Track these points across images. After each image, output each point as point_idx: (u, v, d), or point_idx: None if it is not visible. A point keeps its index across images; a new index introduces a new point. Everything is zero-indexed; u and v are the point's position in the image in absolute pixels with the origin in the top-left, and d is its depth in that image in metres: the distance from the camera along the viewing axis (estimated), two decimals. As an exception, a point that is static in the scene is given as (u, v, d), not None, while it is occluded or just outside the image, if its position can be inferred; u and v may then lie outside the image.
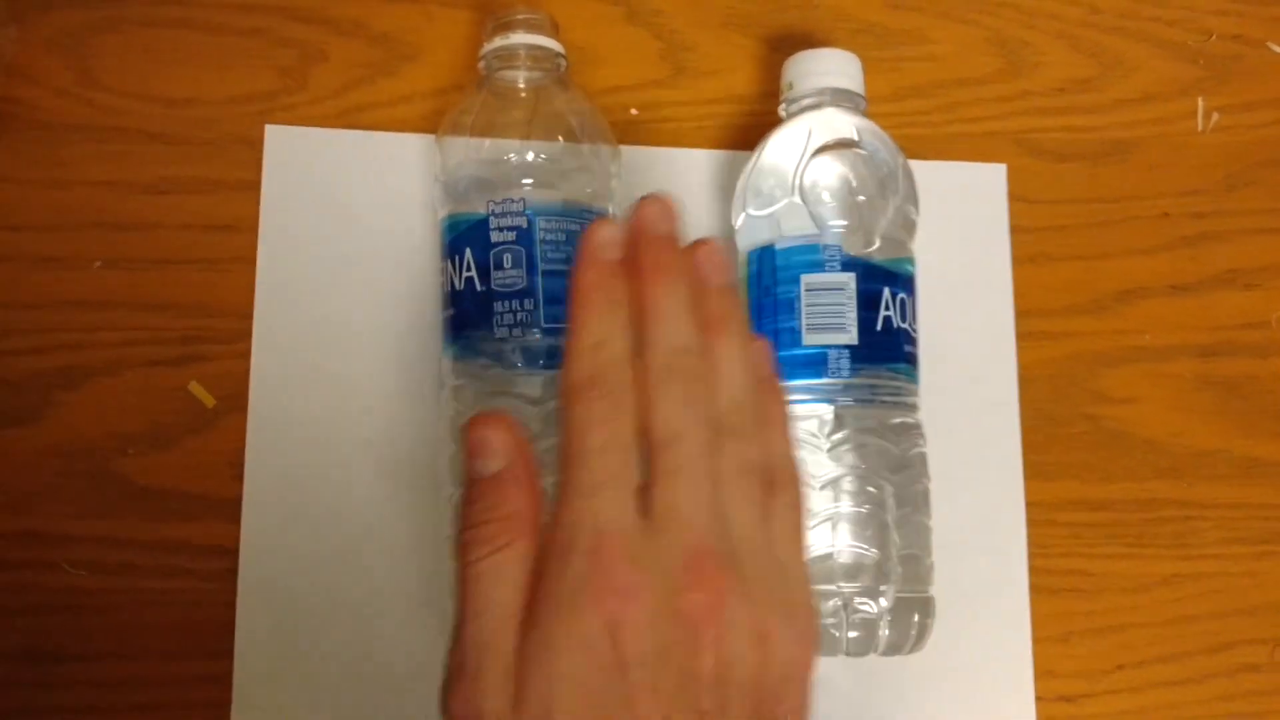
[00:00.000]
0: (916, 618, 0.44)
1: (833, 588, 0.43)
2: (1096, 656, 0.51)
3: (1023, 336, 0.53)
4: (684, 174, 0.52)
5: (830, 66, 0.47)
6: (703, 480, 0.29)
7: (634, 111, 0.52)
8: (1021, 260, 0.54)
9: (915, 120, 0.54)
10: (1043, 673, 0.50)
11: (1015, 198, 0.54)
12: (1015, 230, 0.54)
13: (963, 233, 0.53)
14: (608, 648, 0.27)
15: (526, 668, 0.28)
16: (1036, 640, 0.50)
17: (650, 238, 0.30)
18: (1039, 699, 0.50)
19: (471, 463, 0.30)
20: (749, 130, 0.52)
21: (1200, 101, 0.56)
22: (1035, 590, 0.51)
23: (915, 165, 0.48)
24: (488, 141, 0.45)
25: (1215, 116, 0.56)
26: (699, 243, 0.32)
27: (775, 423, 0.33)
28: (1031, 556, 0.51)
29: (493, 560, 0.29)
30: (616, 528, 0.28)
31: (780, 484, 0.31)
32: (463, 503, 0.30)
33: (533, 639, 0.28)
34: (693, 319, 0.30)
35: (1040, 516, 0.51)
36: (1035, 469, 0.52)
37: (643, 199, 0.31)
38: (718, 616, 0.28)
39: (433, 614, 0.46)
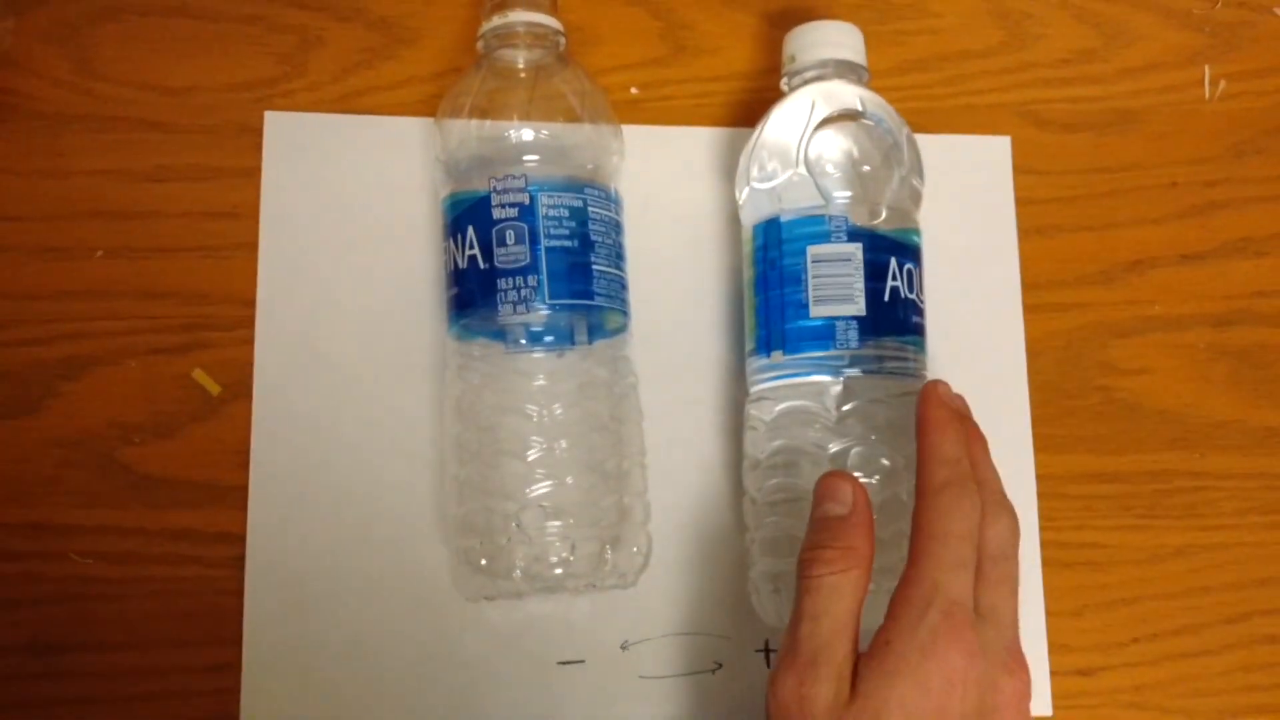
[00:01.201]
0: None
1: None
2: (1111, 629, 0.51)
3: (1031, 309, 0.52)
4: (686, 152, 0.51)
5: (833, 38, 0.46)
6: (1014, 594, 0.37)
7: (634, 91, 0.52)
8: (1029, 232, 0.53)
9: (918, 94, 0.54)
10: (1057, 647, 0.50)
11: (1021, 170, 0.54)
12: (1021, 202, 0.53)
13: (968, 206, 0.53)
14: (940, 692, 0.34)
15: (868, 681, 0.34)
16: (1049, 614, 0.50)
17: (968, 414, 0.41)
18: (1053, 673, 0.49)
19: (823, 505, 0.38)
20: (750, 107, 0.52)
21: (1207, 69, 0.56)
22: (1047, 564, 0.50)
23: (919, 139, 0.47)
24: (488, 121, 0.44)
25: (1222, 84, 0.56)
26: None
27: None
28: (1043, 530, 0.51)
29: (833, 579, 0.36)
30: (965, 603, 0.35)
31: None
32: (809, 532, 0.38)
33: (881, 662, 0.34)
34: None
35: (1051, 489, 0.51)
36: (1045, 442, 0.51)
37: (944, 387, 0.41)
38: (1023, 704, 0.36)
39: (441, 598, 0.46)
